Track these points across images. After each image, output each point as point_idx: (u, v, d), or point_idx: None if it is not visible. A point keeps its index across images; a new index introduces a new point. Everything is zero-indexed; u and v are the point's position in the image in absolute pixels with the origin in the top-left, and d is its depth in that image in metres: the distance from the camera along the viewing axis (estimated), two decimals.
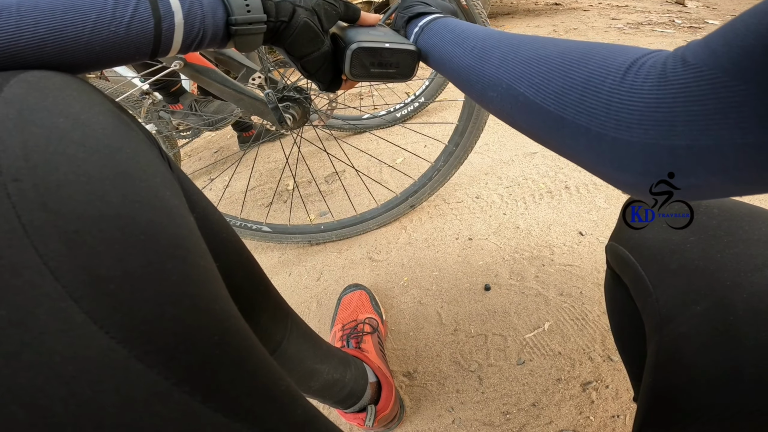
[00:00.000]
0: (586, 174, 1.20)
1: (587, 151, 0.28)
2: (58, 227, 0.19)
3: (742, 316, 0.31)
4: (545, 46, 0.32)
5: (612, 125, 0.25)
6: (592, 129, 0.26)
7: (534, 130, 0.32)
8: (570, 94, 0.28)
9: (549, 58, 0.31)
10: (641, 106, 0.24)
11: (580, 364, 0.76)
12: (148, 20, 0.30)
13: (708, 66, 0.21)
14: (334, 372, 0.60)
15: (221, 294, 0.25)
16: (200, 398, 0.21)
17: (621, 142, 0.25)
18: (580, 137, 0.27)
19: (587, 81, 0.27)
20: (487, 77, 0.35)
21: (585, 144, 0.27)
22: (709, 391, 0.32)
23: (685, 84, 0.22)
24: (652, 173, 0.24)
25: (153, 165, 0.25)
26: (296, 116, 0.75)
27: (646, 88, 0.24)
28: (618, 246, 0.45)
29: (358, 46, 0.44)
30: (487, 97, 0.36)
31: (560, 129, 0.29)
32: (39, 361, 0.17)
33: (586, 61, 0.28)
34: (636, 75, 0.25)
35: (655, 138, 0.23)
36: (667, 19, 2.66)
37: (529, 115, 0.32)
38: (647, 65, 0.25)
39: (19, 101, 0.21)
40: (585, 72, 0.27)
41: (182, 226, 0.24)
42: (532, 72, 0.31)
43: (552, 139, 0.31)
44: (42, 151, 0.20)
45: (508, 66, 0.33)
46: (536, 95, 0.30)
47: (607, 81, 0.26)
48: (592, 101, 0.26)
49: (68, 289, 0.18)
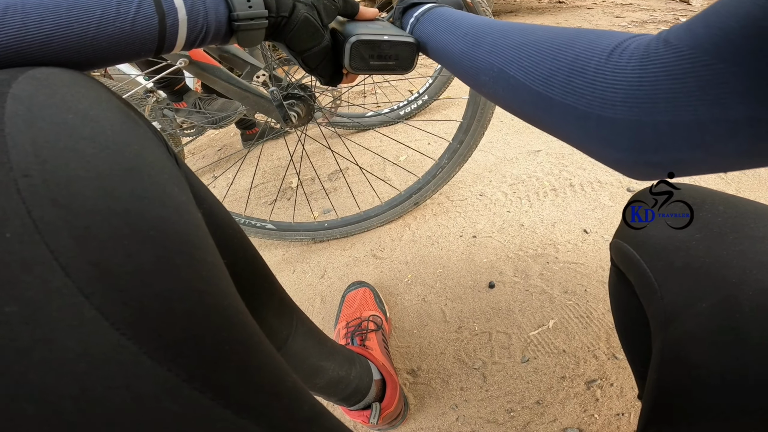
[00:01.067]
0: (591, 172, 1.19)
1: (575, 130, 0.29)
2: (68, 223, 0.19)
3: (747, 314, 0.31)
4: (535, 32, 0.34)
5: (598, 104, 0.26)
6: (579, 108, 0.27)
7: (525, 111, 0.34)
8: (557, 76, 0.29)
9: (538, 42, 0.32)
10: (625, 85, 0.25)
11: (584, 362, 0.76)
12: (152, 16, 0.31)
13: (689, 46, 0.22)
14: (339, 369, 0.60)
15: (229, 290, 0.25)
16: (210, 395, 0.21)
17: (606, 120, 0.26)
18: (568, 116, 0.29)
19: (573, 62, 0.28)
20: (479, 62, 0.37)
21: (573, 123, 0.29)
22: (714, 389, 0.31)
23: (667, 63, 0.23)
24: (636, 149, 0.25)
25: (161, 161, 0.25)
26: (301, 114, 0.76)
27: (630, 68, 0.25)
28: (623, 243, 0.44)
29: (357, 39, 0.44)
30: (480, 81, 0.38)
31: (549, 109, 0.30)
32: (50, 358, 0.17)
33: (572, 44, 0.29)
34: (620, 56, 0.26)
35: (638, 115, 0.24)
36: (672, 17, 2.64)
37: (520, 97, 0.33)
38: (631, 47, 0.26)
39: (27, 98, 0.21)
40: (571, 54, 0.29)
41: (190, 222, 0.24)
42: (522, 56, 0.32)
43: (542, 120, 0.32)
44: (52, 147, 0.20)
45: (498, 51, 0.35)
46: (526, 77, 0.31)
47: (592, 62, 0.27)
48: (578, 81, 0.27)
49: (79, 285, 0.18)
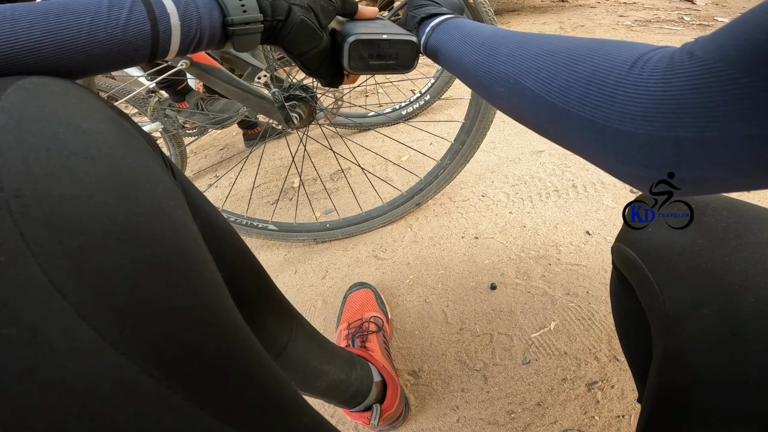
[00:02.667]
0: (594, 173, 1.19)
1: (592, 144, 0.28)
2: (62, 244, 0.18)
3: (749, 320, 0.31)
4: (551, 42, 0.33)
5: (616, 118, 0.25)
6: (597, 121, 0.26)
7: (540, 123, 0.33)
8: (575, 88, 0.28)
9: (555, 53, 0.31)
10: (646, 99, 0.24)
11: (585, 363, 0.75)
12: (144, 22, 0.30)
13: (714, 59, 0.21)
14: (339, 372, 0.60)
15: (227, 305, 0.25)
16: (211, 411, 0.21)
17: (625, 135, 0.25)
18: (585, 130, 0.28)
19: (592, 75, 0.27)
20: (494, 73, 0.36)
21: (590, 136, 0.28)
22: (714, 395, 0.31)
23: (692, 76, 0.22)
24: (656, 165, 0.24)
25: (155, 175, 0.25)
26: (303, 115, 0.76)
27: (652, 81, 0.24)
28: (624, 247, 0.44)
29: (356, 38, 0.44)
30: (495, 92, 0.37)
31: (565, 122, 0.29)
32: (52, 379, 0.17)
33: (591, 56, 0.28)
34: (642, 69, 0.25)
35: (659, 130, 0.23)
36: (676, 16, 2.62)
37: (536, 109, 0.32)
38: (654, 60, 0.25)
39: (17, 111, 0.21)
40: (590, 66, 0.28)
41: (186, 237, 0.24)
42: (538, 67, 0.31)
43: (558, 133, 0.31)
44: (43, 165, 0.19)
45: (514, 62, 0.34)
46: (542, 89, 0.31)
47: (612, 74, 0.26)
48: (596, 94, 0.27)
49: (75, 307, 0.18)
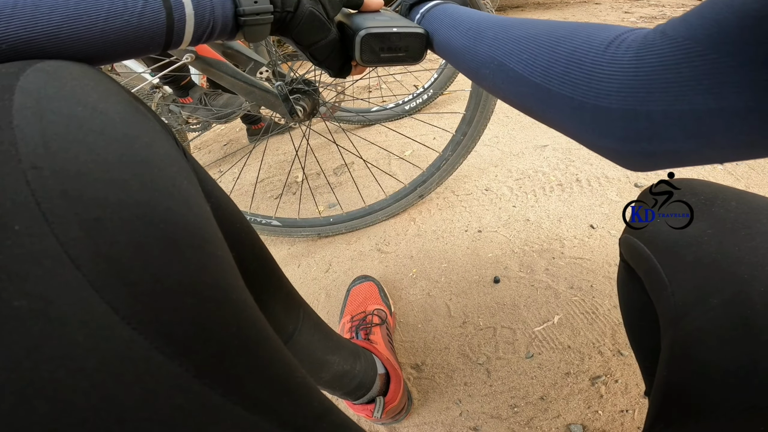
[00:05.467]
0: (598, 167, 1.18)
1: (571, 120, 0.30)
2: (78, 215, 0.18)
3: (759, 311, 0.31)
4: (535, 26, 0.34)
5: (593, 94, 0.27)
6: (576, 98, 0.28)
7: (524, 102, 0.35)
8: (555, 67, 0.30)
9: (537, 36, 0.33)
10: (620, 76, 0.25)
11: (589, 358, 0.75)
12: (160, 11, 0.31)
13: (684, 37, 0.22)
14: (344, 363, 0.60)
15: (238, 284, 0.25)
16: (221, 390, 0.21)
17: (601, 110, 0.26)
18: (565, 107, 0.29)
19: (571, 54, 0.29)
20: (480, 56, 0.38)
21: (569, 113, 0.29)
22: (723, 387, 0.31)
23: (662, 54, 0.23)
24: (631, 138, 0.26)
25: (170, 154, 0.25)
26: (306, 108, 0.75)
27: (626, 59, 0.25)
28: (633, 238, 0.44)
29: (367, 32, 0.44)
30: (481, 74, 0.39)
31: (547, 100, 0.31)
32: (61, 354, 0.17)
33: (571, 37, 0.30)
34: (617, 48, 0.26)
35: (632, 104, 0.25)
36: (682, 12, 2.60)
37: (519, 89, 0.34)
38: (629, 39, 0.26)
39: (36, 90, 0.21)
40: (570, 46, 0.29)
41: (199, 215, 0.24)
42: (521, 48, 0.33)
43: (541, 111, 0.33)
44: (61, 140, 0.20)
45: (499, 44, 0.36)
46: (525, 70, 0.32)
47: (590, 54, 0.28)
48: (575, 72, 0.28)
49: (89, 278, 0.18)
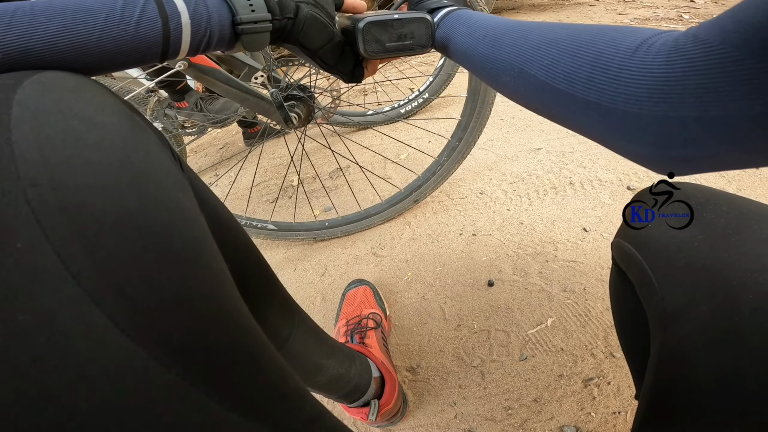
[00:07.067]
0: (591, 170, 1.19)
1: (598, 125, 0.29)
2: (77, 232, 0.19)
3: (747, 317, 0.31)
4: (554, 30, 0.34)
5: (621, 99, 0.26)
6: (602, 104, 0.27)
7: (547, 109, 0.34)
8: (579, 73, 0.29)
9: (558, 41, 0.32)
10: (650, 80, 0.24)
11: (582, 360, 0.76)
12: (156, 20, 0.31)
13: (718, 41, 0.21)
14: (339, 367, 0.60)
15: (233, 295, 0.26)
16: (217, 398, 0.22)
17: (631, 115, 0.26)
18: (591, 112, 0.28)
19: (596, 59, 0.28)
20: (500, 63, 0.37)
21: (595, 118, 0.28)
22: (711, 392, 0.31)
23: (695, 58, 0.22)
24: (662, 144, 0.25)
25: (166, 167, 0.25)
26: (301, 114, 0.76)
27: (657, 63, 0.24)
28: (624, 243, 0.45)
29: (368, 21, 0.44)
30: (501, 81, 0.38)
31: (571, 105, 0.30)
32: (65, 364, 0.18)
33: (594, 41, 0.29)
34: (646, 52, 0.25)
35: (664, 110, 0.24)
36: (675, 14, 2.63)
37: (542, 95, 0.33)
38: (658, 43, 0.25)
39: (33, 103, 0.21)
40: (594, 51, 0.29)
41: (195, 228, 0.24)
42: (542, 55, 0.32)
43: (564, 117, 0.32)
44: (59, 155, 0.20)
45: (518, 51, 0.35)
46: (546, 76, 0.32)
47: (616, 58, 0.27)
48: (600, 77, 0.27)
49: (90, 293, 0.18)
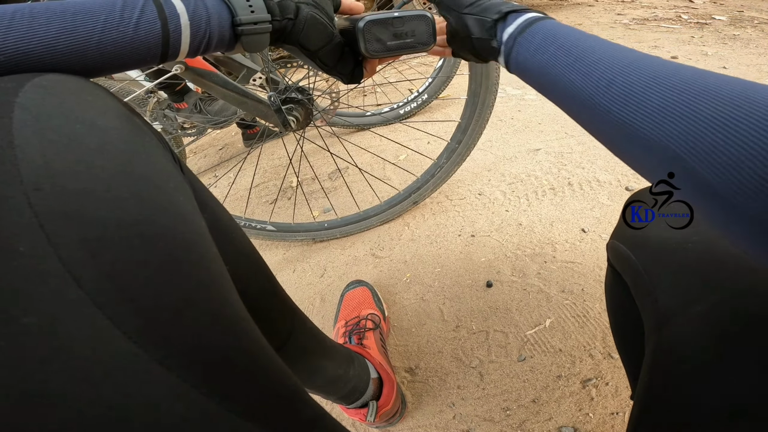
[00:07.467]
0: (590, 171, 1.20)
1: (695, 200, 0.24)
2: (79, 235, 0.19)
3: (741, 318, 0.31)
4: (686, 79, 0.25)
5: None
6: (713, 185, 0.22)
7: (632, 162, 0.29)
8: (703, 138, 0.22)
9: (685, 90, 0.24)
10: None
11: (580, 361, 0.76)
12: (155, 22, 0.31)
13: None
14: (338, 368, 0.61)
15: (233, 297, 0.26)
16: (218, 399, 0.22)
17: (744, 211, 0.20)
18: (697, 186, 0.23)
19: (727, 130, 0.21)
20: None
21: (700, 197, 0.23)
22: (705, 393, 0.32)
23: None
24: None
25: (166, 170, 0.26)
26: (300, 118, 0.76)
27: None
28: (619, 244, 0.45)
29: (368, 20, 0.44)
30: (583, 119, 0.31)
31: (668, 167, 0.24)
32: (69, 366, 0.18)
33: (730, 103, 0.22)
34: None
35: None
36: (674, 14, 2.63)
37: (633, 149, 0.27)
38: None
39: (35, 107, 0.21)
40: (725, 114, 0.22)
41: (195, 231, 0.25)
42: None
43: (651, 174, 0.27)
44: (61, 159, 0.20)
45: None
46: (655, 133, 0.25)
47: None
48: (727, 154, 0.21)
49: (92, 296, 0.19)
